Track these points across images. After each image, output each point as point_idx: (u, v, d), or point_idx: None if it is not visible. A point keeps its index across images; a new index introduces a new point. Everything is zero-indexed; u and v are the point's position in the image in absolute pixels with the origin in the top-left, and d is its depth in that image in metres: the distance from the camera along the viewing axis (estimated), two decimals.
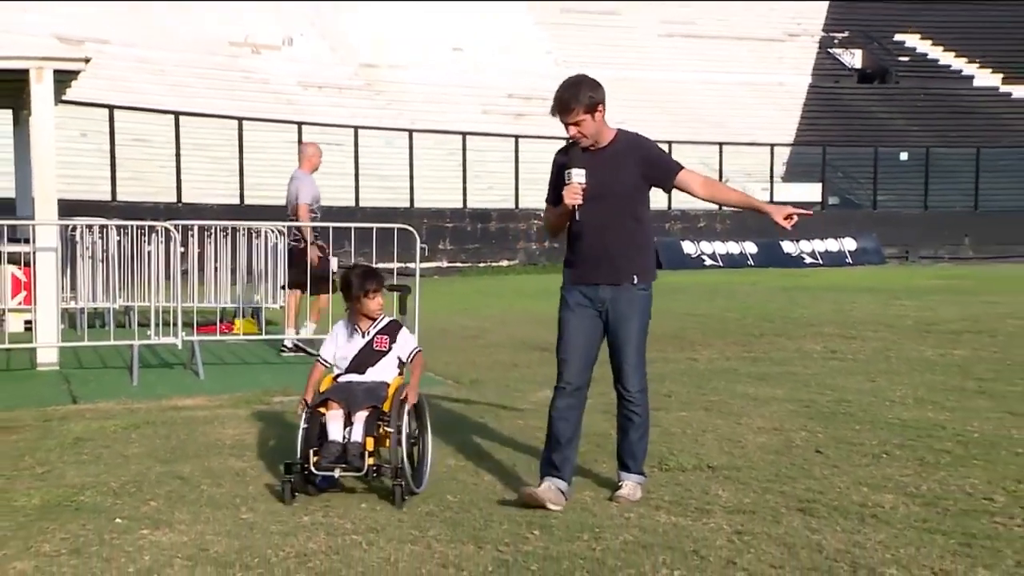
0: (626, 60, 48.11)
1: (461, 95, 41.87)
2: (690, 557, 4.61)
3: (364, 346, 5.72)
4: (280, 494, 5.43)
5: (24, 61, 10.77)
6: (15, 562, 4.63)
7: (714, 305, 18.18)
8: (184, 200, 28.19)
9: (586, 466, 6.29)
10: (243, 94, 37.14)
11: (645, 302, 5.52)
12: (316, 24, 45.70)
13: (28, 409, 8.35)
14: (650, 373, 9.83)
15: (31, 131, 11.17)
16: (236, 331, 12.92)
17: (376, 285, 5.73)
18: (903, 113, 47.33)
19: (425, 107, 39.53)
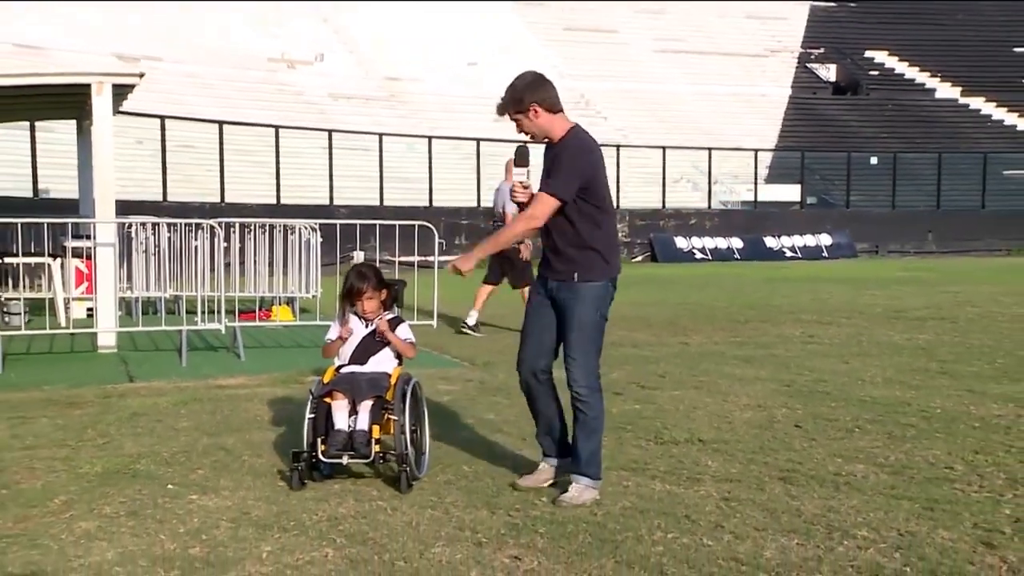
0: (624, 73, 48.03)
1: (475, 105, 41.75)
2: (682, 521, 4.61)
3: (366, 336, 5.49)
4: (290, 481, 5.20)
5: (86, 76, 10.78)
6: (80, 522, 4.64)
7: (704, 295, 18.14)
8: (227, 200, 28.21)
9: None
10: (279, 105, 37.14)
11: (589, 298, 4.86)
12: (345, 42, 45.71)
13: (90, 387, 8.37)
14: (646, 356, 9.95)
15: (92, 139, 11.18)
16: (273, 318, 12.93)
17: (365, 287, 5.40)
18: (873, 122, 47.26)
19: (442, 116, 39.49)
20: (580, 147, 4.85)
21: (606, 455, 5.83)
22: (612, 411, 7.16)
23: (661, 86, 47.86)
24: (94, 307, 11.07)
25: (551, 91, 4.90)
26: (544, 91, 4.87)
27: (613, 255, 4.96)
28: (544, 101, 4.83)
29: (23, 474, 5.50)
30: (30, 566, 4.08)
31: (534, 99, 4.83)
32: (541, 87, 4.87)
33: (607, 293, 4.95)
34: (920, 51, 53.18)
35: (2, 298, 12.35)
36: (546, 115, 4.86)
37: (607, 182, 5.02)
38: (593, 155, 4.90)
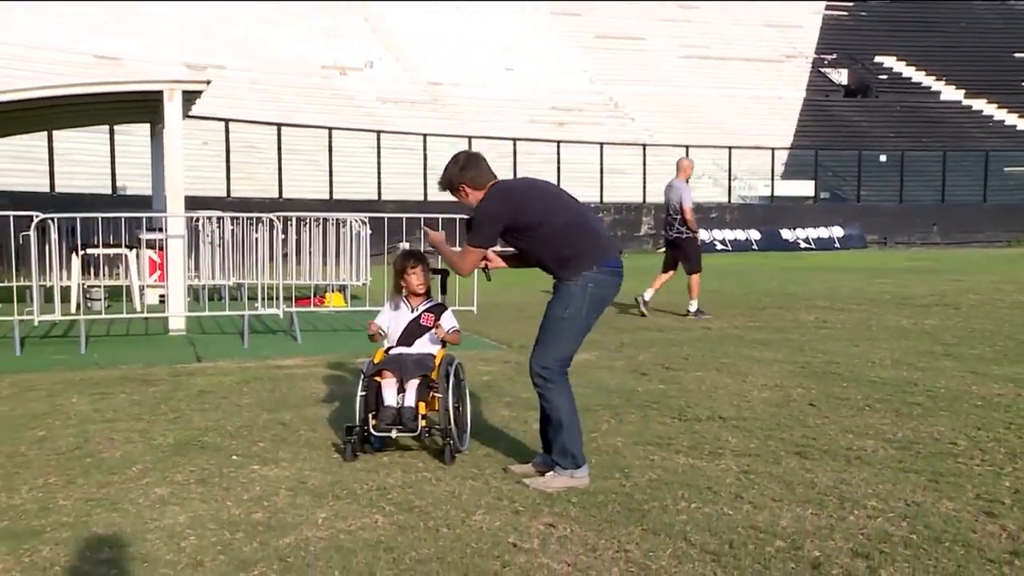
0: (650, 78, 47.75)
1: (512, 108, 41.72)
2: (704, 492, 4.58)
3: (412, 320, 5.50)
4: (343, 453, 5.24)
5: (159, 84, 10.90)
6: (155, 488, 4.70)
7: (724, 283, 18.01)
8: (285, 196, 28.37)
9: (618, 416, 6.26)
10: (332, 108, 37.29)
11: (561, 296, 4.74)
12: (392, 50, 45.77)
13: (163, 366, 8.47)
14: (671, 340, 9.91)
15: (164, 140, 11.27)
16: (327, 304, 13.00)
17: (415, 262, 5.49)
18: (882, 122, 46.68)
19: (482, 118, 39.45)
20: (487, 200, 4.87)
21: (633, 431, 5.84)
22: (638, 390, 7.16)
23: (685, 89, 47.52)
24: (166, 294, 11.19)
25: (477, 170, 4.92)
26: (471, 172, 4.91)
27: (585, 250, 4.77)
28: (472, 180, 4.90)
29: (104, 444, 5.58)
30: (112, 527, 4.13)
31: (462, 180, 4.91)
32: (469, 169, 4.92)
33: (582, 290, 4.72)
34: (926, 56, 52.46)
35: (85, 285, 12.51)
36: (474, 192, 4.92)
37: (542, 202, 4.85)
38: (502, 203, 4.83)
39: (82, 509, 4.38)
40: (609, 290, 4.83)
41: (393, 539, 3.97)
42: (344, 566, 3.67)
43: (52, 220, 10.04)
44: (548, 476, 4.75)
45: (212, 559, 3.75)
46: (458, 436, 5.31)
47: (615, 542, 3.93)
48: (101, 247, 12.78)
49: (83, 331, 9.71)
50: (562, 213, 4.85)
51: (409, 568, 3.66)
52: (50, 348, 9.73)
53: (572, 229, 4.81)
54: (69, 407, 6.68)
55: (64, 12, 37.70)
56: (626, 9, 52.85)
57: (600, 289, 4.77)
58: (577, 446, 4.76)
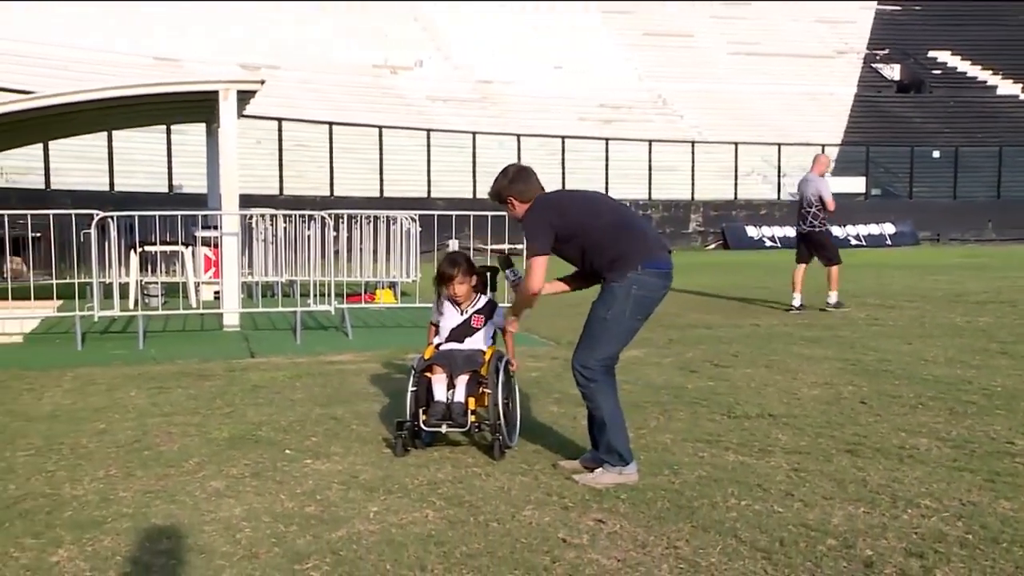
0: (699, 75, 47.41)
1: (560, 105, 41.65)
2: (754, 490, 4.54)
3: (462, 323, 5.47)
4: (394, 448, 5.25)
5: (215, 84, 11.04)
6: (211, 481, 4.77)
7: (774, 280, 17.82)
8: (336, 194, 28.63)
9: (667, 413, 6.23)
10: (383, 107, 37.52)
11: (606, 297, 4.72)
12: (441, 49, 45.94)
13: (217, 361, 8.58)
14: (720, 337, 9.83)
15: (219, 139, 11.42)
16: (377, 300, 13.09)
17: (456, 272, 5.38)
18: (935, 118, 45.84)
19: (531, 116, 39.44)
20: (531, 211, 4.90)
21: (682, 428, 5.80)
22: (688, 387, 7.11)
23: (734, 86, 47.09)
24: (220, 290, 11.33)
25: (526, 183, 4.96)
26: (519, 185, 4.96)
27: (629, 252, 4.72)
28: (520, 193, 4.95)
29: (162, 438, 5.67)
30: (170, 518, 4.20)
31: (511, 193, 4.97)
32: (517, 183, 4.97)
33: (625, 292, 4.67)
34: (983, 50, 51.38)
35: (143, 282, 12.72)
36: (521, 205, 4.96)
37: (585, 206, 4.89)
38: (545, 209, 4.85)
39: (141, 501, 4.45)
40: (656, 292, 4.77)
41: (443, 533, 3.98)
42: (395, 559, 3.70)
43: (112, 218, 10.22)
44: (597, 472, 4.73)
45: (267, 551, 3.80)
46: (507, 432, 5.31)
47: (664, 539, 3.90)
48: (158, 244, 12.99)
49: (141, 327, 9.87)
50: (605, 215, 4.86)
51: (459, 562, 3.67)
52: (110, 343, 9.92)
53: (617, 230, 4.81)
54: (128, 401, 6.81)
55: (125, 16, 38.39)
56: (675, 7, 52.52)
57: (645, 291, 4.72)
58: (623, 444, 4.74)
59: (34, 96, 10.94)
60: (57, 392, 7.16)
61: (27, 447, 5.46)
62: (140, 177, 25.62)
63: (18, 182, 24.39)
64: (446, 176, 31.32)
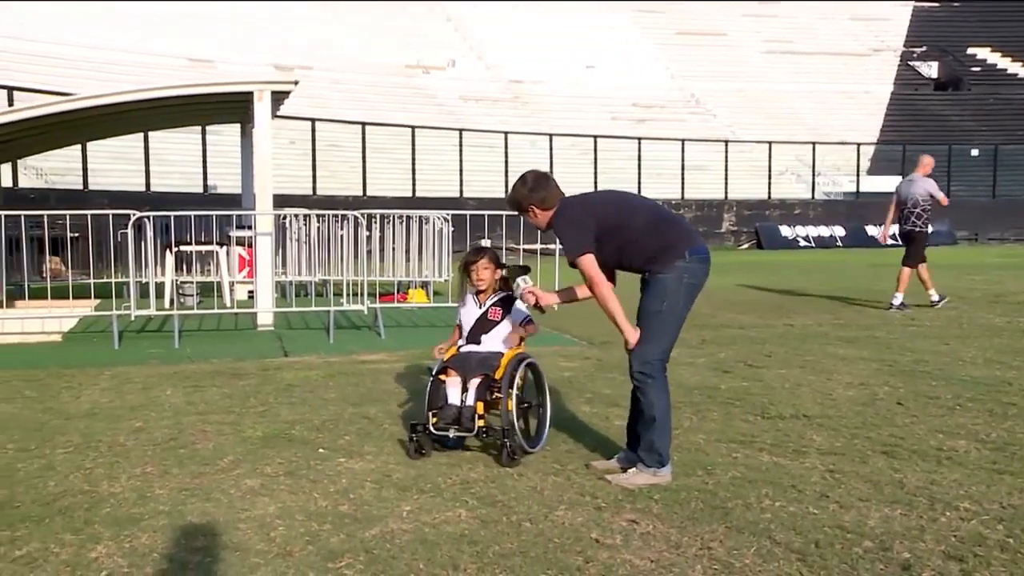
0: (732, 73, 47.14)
1: (592, 105, 41.58)
2: (789, 491, 4.51)
3: (480, 316, 5.45)
4: (407, 450, 5.23)
5: (250, 85, 11.11)
6: (246, 480, 4.81)
7: (808, 279, 17.68)
8: (368, 193, 28.76)
9: (700, 413, 6.20)
10: (415, 107, 37.65)
11: (655, 289, 4.69)
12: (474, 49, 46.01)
13: (251, 360, 8.65)
14: (753, 337, 9.77)
15: (253, 140, 11.50)
16: (410, 300, 13.12)
17: (479, 257, 5.40)
18: (974, 115, 45.27)
19: (562, 115, 39.41)
20: (560, 215, 4.86)
21: (715, 428, 5.77)
22: (721, 387, 7.07)
23: (768, 85, 46.79)
24: (254, 290, 11.42)
25: (546, 190, 4.89)
26: (540, 193, 4.89)
27: (674, 241, 4.72)
28: (541, 201, 4.89)
29: (197, 436, 5.73)
30: (205, 516, 4.24)
31: (531, 201, 4.91)
32: (538, 190, 4.90)
33: (677, 281, 4.67)
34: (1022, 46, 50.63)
35: (178, 281, 12.85)
36: (543, 213, 4.92)
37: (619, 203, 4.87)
38: (576, 209, 4.82)
39: (177, 498, 4.50)
40: (701, 278, 4.79)
41: (476, 533, 3.99)
42: (428, 559, 3.71)
43: (148, 218, 10.33)
44: (630, 472, 4.72)
45: (301, 549, 3.83)
46: (535, 435, 5.30)
47: (698, 539, 3.89)
48: (193, 244, 13.11)
49: (176, 326, 9.98)
50: (639, 211, 4.85)
51: (492, 562, 3.68)
52: (146, 342, 10.03)
53: (656, 223, 4.81)
54: (164, 399, 6.88)
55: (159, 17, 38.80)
56: (708, 5, 52.24)
57: (694, 278, 4.74)
58: (665, 445, 4.73)
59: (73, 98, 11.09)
60: (95, 390, 7.25)
61: (66, 444, 5.54)
62: (175, 177, 25.90)
63: (57, 183, 24.75)
64: (478, 176, 31.37)
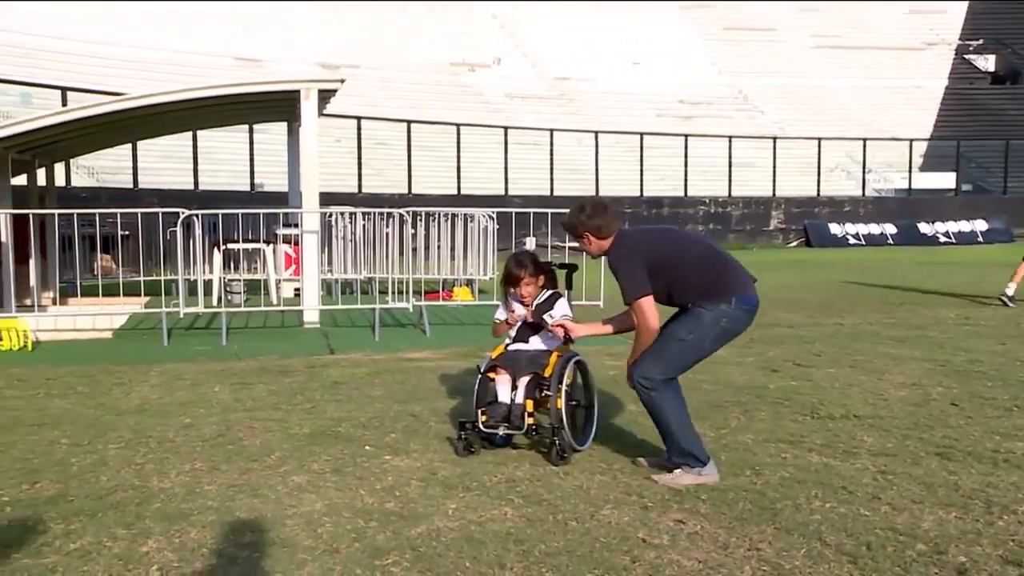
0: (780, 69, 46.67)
1: (638, 102, 41.41)
2: (839, 492, 4.45)
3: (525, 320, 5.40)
4: (456, 448, 5.25)
5: (297, 84, 11.21)
6: (293, 476, 4.85)
7: (858, 277, 17.44)
8: (414, 191, 28.90)
9: (748, 413, 6.15)
10: (461, 105, 37.76)
11: (694, 317, 4.70)
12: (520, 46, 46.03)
13: (298, 358, 8.73)
14: (802, 336, 9.68)
15: (300, 138, 11.60)
16: (455, 298, 13.16)
17: (523, 273, 5.33)
18: None
19: (608, 112, 39.29)
20: (619, 251, 4.87)
21: (763, 428, 5.72)
22: (769, 387, 7.01)
23: (817, 80, 46.25)
24: (300, 287, 11.52)
25: (603, 219, 4.90)
26: (597, 220, 4.90)
27: (726, 283, 4.72)
28: (597, 229, 4.90)
29: (245, 432, 5.80)
30: (253, 512, 4.30)
31: (587, 228, 4.92)
32: (595, 218, 4.90)
33: (713, 322, 4.68)
34: None
35: (226, 279, 13.01)
36: (597, 241, 4.93)
37: (675, 239, 4.94)
38: (635, 248, 4.82)
39: (225, 494, 4.56)
40: (740, 327, 4.81)
41: (522, 531, 3.99)
42: (474, 557, 3.72)
43: (196, 216, 10.47)
44: (676, 472, 4.70)
45: (347, 546, 3.86)
46: (583, 433, 5.29)
47: (747, 540, 3.85)
48: (240, 242, 13.26)
49: (224, 323, 10.10)
50: (694, 249, 4.88)
51: (538, 560, 3.68)
52: (194, 339, 10.17)
53: (708, 264, 4.81)
54: (212, 396, 6.97)
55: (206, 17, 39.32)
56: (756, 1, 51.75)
57: (732, 325, 4.76)
58: (694, 445, 4.71)
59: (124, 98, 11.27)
60: (145, 387, 7.37)
61: (117, 440, 5.64)
62: (223, 176, 26.24)
63: (108, 182, 25.22)
64: (523, 173, 31.39)
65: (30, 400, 6.91)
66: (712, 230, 33.59)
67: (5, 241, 10.62)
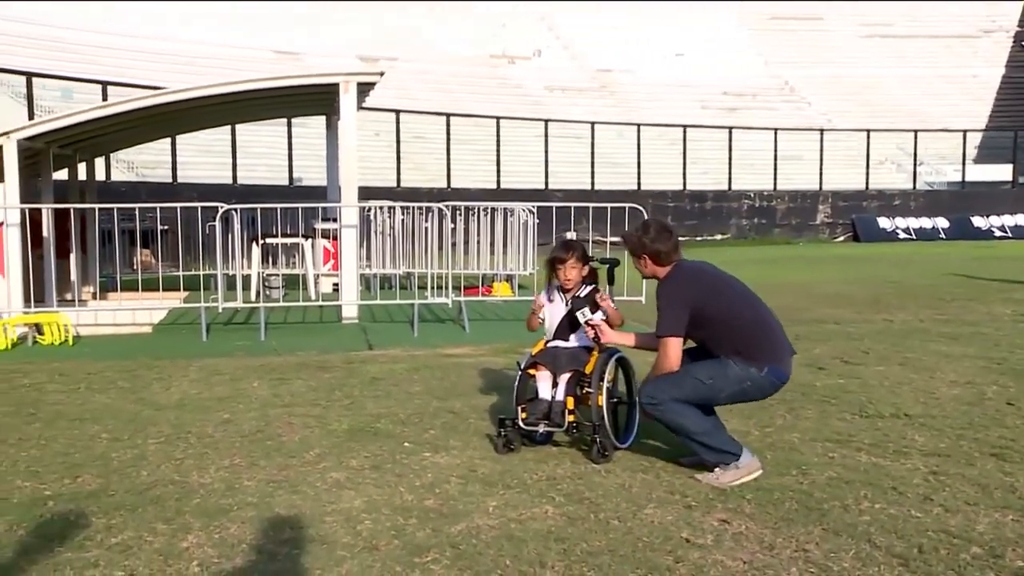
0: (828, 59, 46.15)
1: (681, 93, 41.16)
2: (889, 493, 4.39)
3: (567, 313, 5.37)
4: (495, 445, 5.26)
5: (335, 77, 11.28)
6: (332, 473, 4.89)
7: (908, 272, 17.21)
8: (453, 185, 28.98)
9: (794, 412, 6.09)
10: (500, 98, 37.78)
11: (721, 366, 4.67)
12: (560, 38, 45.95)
13: (336, 353, 8.79)
14: (850, 332, 9.58)
15: (339, 132, 11.67)
16: (494, 293, 13.18)
17: (568, 256, 5.33)
18: None
19: (650, 104, 39.11)
20: (672, 283, 4.83)
21: (810, 427, 5.67)
22: (816, 384, 6.94)
23: (866, 70, 45.67)
24: (339, 282, 11.60)
25: (666, 245, 4.86)
26: (659, 246, 4.86)
27: (761, 351, 4.69)
28: (656, 254, 4.87)
29: (284, 428, 5.85)
30: (292, 509, 4.33)
31: (646, 252, 4.90)
32: (658, 243, 4.86)
33: (737, 380, 4.67)
34: None
35: (264, 274, 13.14)
36: (653, 266, 4.91)
37: (727, 294, 4.83)
38: (686, 285, 4.79)
39: (264, 490, 4.60)
40: (761, 395, 4.83)
41: (564, 530, 3.99)
42: (515, 555, 3.72)
43: (235, 211, 10.58)
44: (717, 471, 4.67)
45: (387, 543, 3.88)
46: (624, 431, 5.28)
47: (793, 541, 3.82)
48: (279, 237, 13.38)
49: (263, 318, 10.20)
50: (745, 309, 4.82)
51: (580, 560, 3.67)
52: (233, 334, 10.28)
53: (756, 327, 4.77)
54: (251, 391, 7.05)
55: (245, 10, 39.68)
56: None
57: (754, 391, 4.77)
58: (724, 442, 4.69)
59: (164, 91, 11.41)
60: (184, 381, 7.47)
61: (157, 435, 5.72)
62: (262, 170, 26.49)
63: (148, 176, 25.56)
64: (564, 167, 31.34)
65: (71, 394, 7.02)
66: (756, 224, 33.32)
67: (46, 236, 10.82)
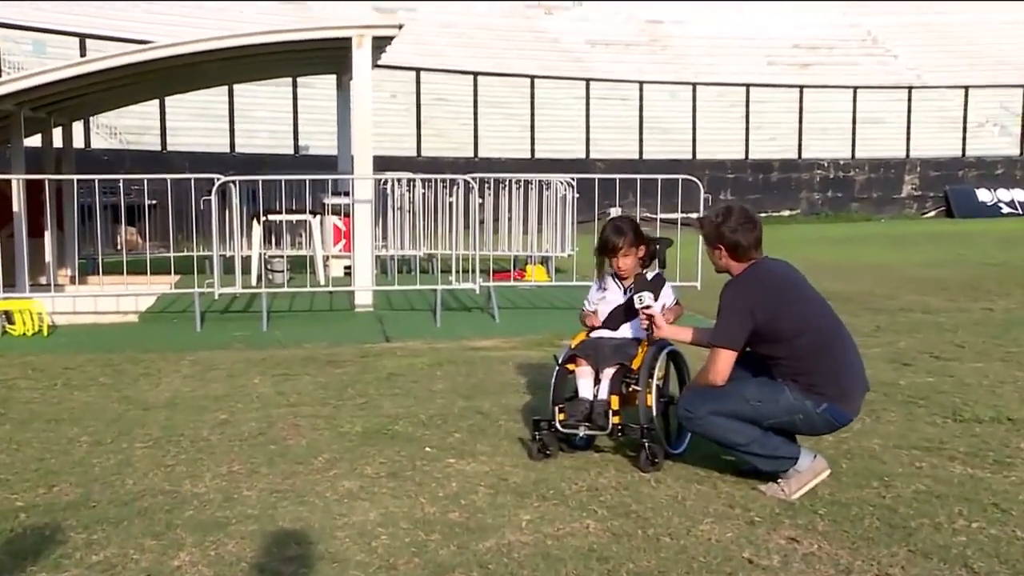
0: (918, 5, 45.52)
1: (744, 47, 40.84)
2: (990, 510, 4.35)
3: (624, 302, 5.33)
4: (529, 451, 5.24)
5: (348, 30, 11.27)
6: (343, 481, 4.92)
7: (1012, 254, 17.00)
8: (481, 155, 28.99)
9: (875, 414, 6.05)
10: (535, 53, 37.67)
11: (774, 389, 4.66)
12: None
13: (348, 346, 8.84)
14: (941, 323, 9.50)
15: (352, 93, 11.68)
16: (527, 277, 13.19)
17: (621, 242, 5.30)
18: None
19: (708, 60, 38.85)
20: (741, 286, 4.79)
21: (893, 432, 5.63)
22: (900, 383, 6.89)
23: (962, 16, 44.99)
24: (351, 265, 11.64)
25: (747, 238, 4.81)
26: (739, 237, 4.80)
27: (826, 389, 4.65)
28: (734, 248, 4.82)
29: (289, 431, 5.89)
30: (299, 521, 4.37)
31: (724, 242, 4.84)
32: (739, 233, 4.81)
33: (788, 410, 4.66)
34: None
35: (267, 255, 13.22)
36: (728, 260, 4.87)
37: (801, 312, 4.76)
38: (756, 293, 4.73)
39: (267, 501, 4.64)
40: (811, 431, 4.80)
41: (607, 548, 3.99)
42: None
43: (233, 184, 10.65)
44: (780, 481, 4.66)
45: (406, 562, 3.90)
46: (677, 435, 5.25)
47: (874, 564, 3.80)
48: (283, 213, 13.45)
49: (265, 305, 10.27)
50: (819, 334, 4.74)
51: None
52: (231, 324, 10.36)
53: (826, 358, 4.71)
54: (251, 389, 7.10)
55: None
56: None
57: (804, 426, 4.74)
58: (776, 447, 4.68)
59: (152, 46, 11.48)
60: (175, 378, 7.54)
61: (145, 438, 5.78)
62: (263, 137, 26.64)
63: (133, 143, 25.76)
64: (608, 133, 31.25)
65: (46, 392, 7.11)
66: (831, 198, 33.09)
67: (17, 211, 10.92)
